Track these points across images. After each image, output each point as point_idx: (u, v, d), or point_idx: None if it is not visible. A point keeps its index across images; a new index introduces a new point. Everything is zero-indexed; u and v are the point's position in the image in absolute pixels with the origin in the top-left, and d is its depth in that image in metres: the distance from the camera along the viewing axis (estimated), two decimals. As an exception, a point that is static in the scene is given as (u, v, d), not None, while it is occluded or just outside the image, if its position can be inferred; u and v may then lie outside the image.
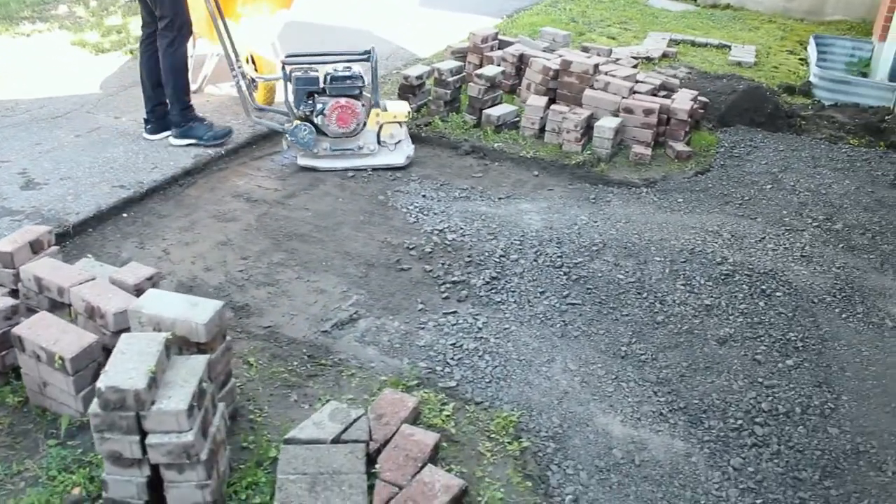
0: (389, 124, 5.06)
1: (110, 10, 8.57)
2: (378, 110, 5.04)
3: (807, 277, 4.04)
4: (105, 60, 6.89)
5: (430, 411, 2.90)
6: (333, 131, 5.00)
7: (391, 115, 5.05)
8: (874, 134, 6.45)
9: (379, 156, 5.08)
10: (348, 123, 4.97)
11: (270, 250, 4.03)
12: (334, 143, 5.07)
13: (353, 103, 4.93)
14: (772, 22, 10.83)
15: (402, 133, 5.11)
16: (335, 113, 4.93)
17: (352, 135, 5.03)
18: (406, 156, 5.10)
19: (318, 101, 4.95)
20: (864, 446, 2.95)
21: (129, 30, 7.78)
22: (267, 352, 3.24)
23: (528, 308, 3.61)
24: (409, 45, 8.00)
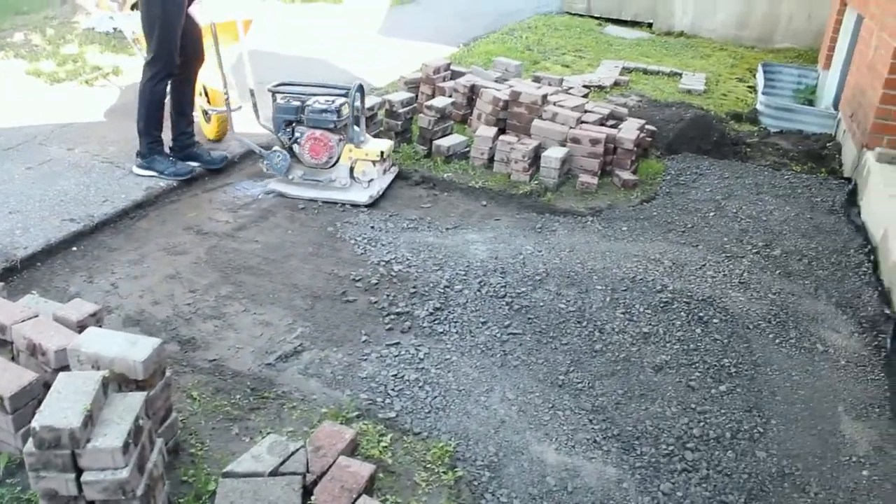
0: (362, 161, 5.13)
1: (67, 38, 8.59)
2: (351, 146, 5.12)
3: (743, 304, 4.16)
4: (60, 90, 6.91)
5: (369, 442, 2.96)
6: (307, 161, 5.18)
7: (363, 153, 5.12)
8: (816, 160, 6.65)
9: (348, 191, 5.15)
10: (320, 155, 5.11)
11: (219, 283, 4.08)
12: (308, 173, 5.22)
13: (327, 136, 5.07)
14: (723, 49, 11.10)
15: (374, 172, 5.16)
16: (308, 143, 5.11)
17: (325, 167, 5.16)
18: (369, 195, 5.13)
19: (296, 130, 5.14)
20: (790, 468, 3.06)
21: (84, 59, 7.81)
22: (211, 385, 3.29)
23: (470, 338, 3.69)
24: (364, 75, 8.09)
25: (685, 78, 8.98)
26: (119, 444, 2.31)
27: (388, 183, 5.36)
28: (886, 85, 5.52)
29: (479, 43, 10.06)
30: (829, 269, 4.66)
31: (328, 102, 5.10)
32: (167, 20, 4.85)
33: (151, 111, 5.11)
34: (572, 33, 11.33)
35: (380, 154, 5.13)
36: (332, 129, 5.08)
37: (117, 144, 5.71)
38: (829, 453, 3.16)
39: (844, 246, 4.97)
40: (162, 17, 4.83)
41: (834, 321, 4.12)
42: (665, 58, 10.20)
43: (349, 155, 5.13)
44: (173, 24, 4.89)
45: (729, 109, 7.92)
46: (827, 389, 3.56)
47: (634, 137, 5.67)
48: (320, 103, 5.10)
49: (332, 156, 5.10)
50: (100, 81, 7.25)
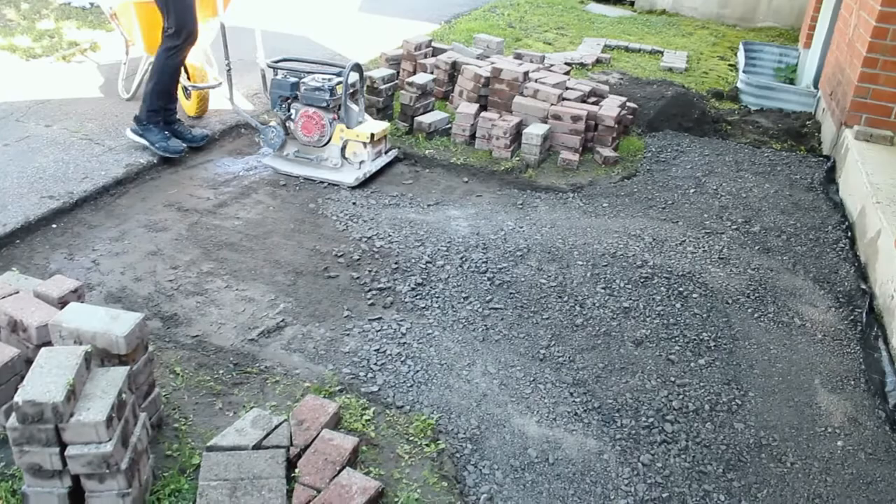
0: (353, 142, 5.10)
1: (42, 13, 8.47)
2: (342, 126, 5.08)
3: (723, 279, 4.21)
4: (36, 66, 6.83)
5: (352, 416, 2.98)
6: (300, 138, 5.19)
7: (354, 134, 5.09)
8: (795, 138, 6.70)
9: (338, 171, 5.14)
10: (312, 133, 5.12)
11: (200, 260, 4.07)
12: (301, 150, 5.25)
13: (319, 114, 5.06)
14: (705, 28, 11.12)
15: (365, 153, 5.11)
16: (301, 121, 5.12)
17: (317, 145, 5.16)
18: (355, 177, 5.08)
19: (291, 107, 5.15)
20: (767, 439, 3.11)
21: (61, 34, 7.71)
22: (194, 361, 3.29)
23: (452, 313, 3.71)
24: (345, 52, 8.06)
25: (667, 56, 9.00)
26: (102, 418, 2.32)
27: (381, 166, 5.31)
28: (865, 63, 5.56)
29: (461, 20, 10.02)
30: (808, 245, 4.71)
31: (323, 81, 5.08)
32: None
33: (163, 80, 5.06)
34: (554, 11, 11.31)
35: (370, 136, 5.07)
36: (326, 107, 5.06)
37: (96, 121, 5.66)
38: (805, 424, 3.21)
39: (823, 222, 5.02)
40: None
41: (811, 296, 4.17)
42: (647, 36, 10.21)
43: (341, 135, 5.10)
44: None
45: (710, 87, 7.95)
46: (804, 362, 3.61)
47: (615, 115, 5.69)
48: (315, 81, 5.08)
49: (324, 135, 5.10)
50: (77, 57, 7.17)
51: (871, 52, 5.50)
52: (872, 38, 5.46)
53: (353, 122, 5.11)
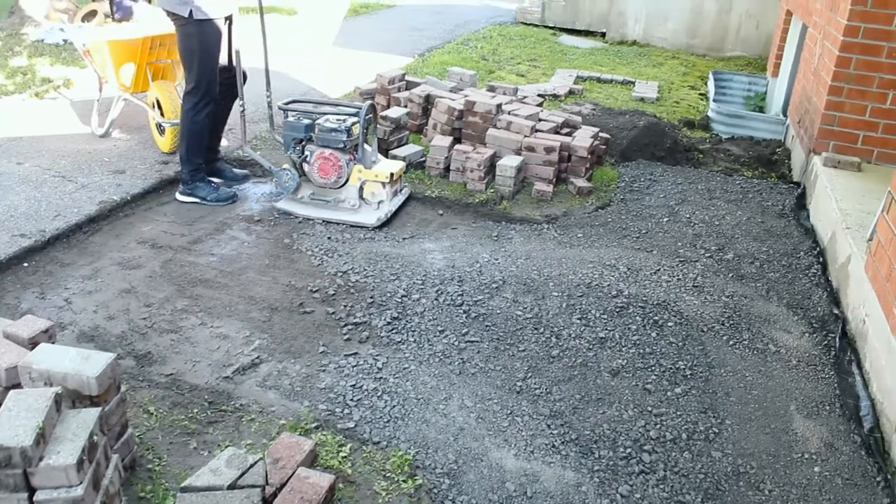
0: (372, 182, 5.05)
1: (15, 50, 8.46)
2: (360, 167, 5.03)
3: (697, 307, 4.23)
4: (9, 103, 6.80)
5: (328, 453, 2.96)
6: (316, 180, 5.09)
7: (373, 174, 5.03)
8: (766, 165, 6.79)
9: (356, 212, 5.07)
10: (329, 175, 5.02)
11: (174, 297, 4.04)
12: (317, 192, 5.15)
13: (336, 155, 4.97)
14: (675, 58, 11.28)
15: (383, 193, 5.06)
16: (317, 163, 5.02)
17: (334, 187, 5.08)
18: (377, 217, 5.01)
19: (306, 149, 5.06)
20: (745, 467, 3.11)
21: (34, 71, 7.70)
22: (168, 400, 3.25)
23: (428, 347, 3.70)
24: (320, 86, 8.09)
25: (638, 86, 9.12)
26: (73, 462, 2.28)
27: (399, 205, 5.27)
28: (830, 91, 5.66)
29: (434, 53, 10.11)
30: (780, 271, 4.76)
31: (339, 121, 5.01)
32: (207, 50, 4.88)
33: (193, 140, 5.08)
34: (527, 43, 11.44)
35: (389, 176, 5.02)
36: (342, 148, 4.98)
37: (69, 158, 5.63)
38: (782, 451, 3.23)
39: (794, 248, 5.08)
40: (201, 48, 4.85)
41: (785, 322, 4.20)
42: (618, 66, 10.34)
43: (358, 175, 5.04)
44: (213, 54, 4.92)
45: (681, 116, 8.05)
46: (779, 389, 3.63)
47: (588, 145, 5.74)
48: (331, 122, 5.01)
49: (342, 176, 5.02)
50: (50, 94, 7.16)
51: (836, 80, 5.61)
52: (837, 68, 5.57)
53: (368, 162, 5.05)
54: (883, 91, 5.54)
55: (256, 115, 7.04)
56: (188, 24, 4.77)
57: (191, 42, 4.85)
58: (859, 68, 5.54)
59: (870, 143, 5.74)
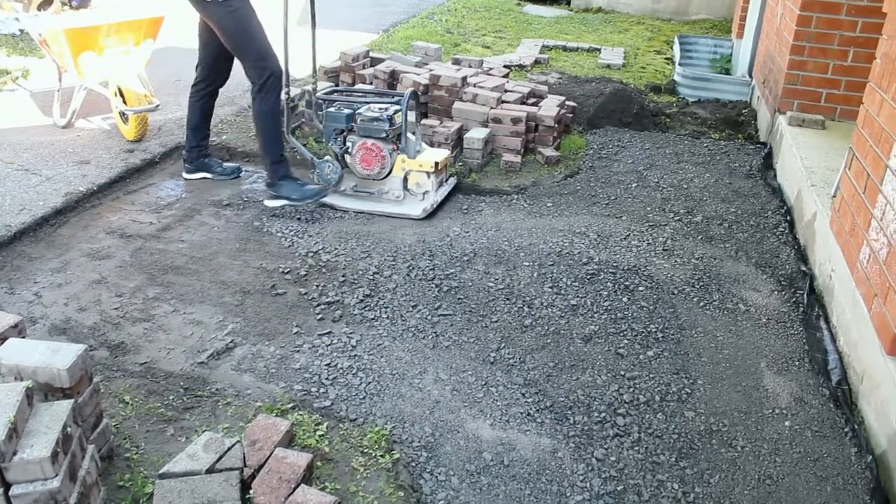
0: (416, 173, 4.91)
1: (-26, 45, 8.32)
2: (404, 156, 4.90)
3: (668, 270, 4.27)
4: (-31, 100, 6.70)
5: (305, 432, 2.97)
6: (359, 172, 4.95)
7: (417, 164, 4.89)
8: (733, 127, 6.84)
9: (401, 204, 4.96)
10: (372, 166, 4.88)
11: (146, 285, 4.03)
12: (360, 184, 5.02)
13: (379, 145, 4.82)
14: (640, 23, 11.29)
15: (429, 183, 4.92)
16: (360, 154, 4.87)
17: (377, 178, 4.94)
18: (423, 208, 4.89)
19: (347, 140, 4.92)
20: (717, 425, 3.17)
21: (-7, 64, 7.58)
22: (143, 388, 3.25)
23: (401, 322, 3.72)
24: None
25: (604, 53, 9.12)
26: (47, 454, 2.28)
27: (445, 195, 5.13)
28: (793, 51, 5.70)
29: (399, 28, 10.05)
30: (749, 231, 4.81)
31: (380, 110, 4.85)
32: (255, 26, 4.58)
33: (270, 130, 4.79)
34: (492, 14, 11.40)
35: (434, 165, 4.87)
36: (385, 138, 4.82)
37: (32, 150, 5.56)
38: (754, 407, 3.28)
39: (762, 208, 5.13)
40: (252, 26, 4.56)
41: (754, 281, 4.26)
42: (584, 34, 10.33)
43: (402, 166, 4.91)
44: (261, 29, 4.62)
45: (648, 82, 8.08)
46: (749, 347, 3.68)
47: (555, 114, 5.75)
48: (372, 111, 4.85)
49: (385, 166, 4.87)
50: (9, 85, 7.05)
51: (798, 39, 5.64)
52: (798, 27, 5.60)
53: (412, 152, 4.91)
54: (844, 48, 5.58)
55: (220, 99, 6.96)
56: (220, 5, 4.43)
57: (238, 23, 4.52)
58: (820, 26, 5.58)
59: (833, 101, 5.80)
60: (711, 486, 2.87)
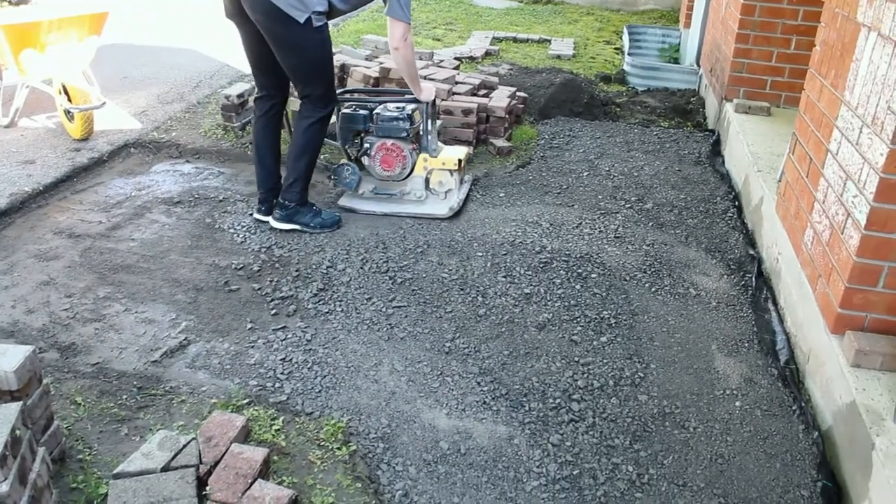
0: (439, 171, 4.80)
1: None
2: (426, 155, 4.79)
3: (619, 257, 4.33)
4: None
5: (261, 427, 2.96)
6: (379, 174, 4.80)
7: (440, 162, 4.78)
8: (682, 115, 6.94)
9: (424, 204, 4.84)
10: (393, 167, 4.75)
11: (96, 285, 3.97)
12: (380, 186, 4.88)
13: (399, 145, 4.68)
14: (590, 14, 11.38)
15: (452, 181, 4.82)
16: (379, 155, 4.73)
17: (398, 179, 4.81)
18: (449, 206, 4.78)
19: (365, 141, 4.75)
20: (670, 408, 3.22)
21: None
22: (96, 389, 3.21)
23: (356, 315, 3.72)
24: (234, 62, 7.96)
25: (554, 44, 9.18)
26: (-5, 457, 2.25)
27: (467, 193, 5.03)
28: (738, 39, 5.79)
29: (349, 22, 10.01)
30: (698, 217, 4.89)
31: (398, 109, 4.69)
32: (330, 58, 4.35)
33: (313, 157, 4.53)
34: (442, 7, 11.40)
35: (458, 163, 4.78)
36: (405, 137, 4.68)
37: (-25, 152, 5.45)
38: (705, 389, 3.34)
39: (711, 194, 5.22)
40: (325, 57, 4.30)
41: (705, 266, 4.33)
42: (534, 25, 10.38)
43: (424, 165, 4.79)
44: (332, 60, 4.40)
45: (598, 72, 8.15)
46: (700, 330, 3.75)
47: (506, 105, 5.78)
48: (390, 110, 4.69)
49: (406, 166, 4.73)
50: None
51: (743, 28, 5.74)
52: (742, 16, 5.70)
53: (432, 150, 4.81)
54: (786, 37, 5.69)
55: (169, 96, 6.90)
56: (305, 30, 4.09)
57: (322, 51, 4.27)
58: (763, 15, 5.68)
59: (777, 88, 5.91)
60: (665, 468, 2.92)
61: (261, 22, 4.11)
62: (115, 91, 6.81)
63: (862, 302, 3.03)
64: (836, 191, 3.27)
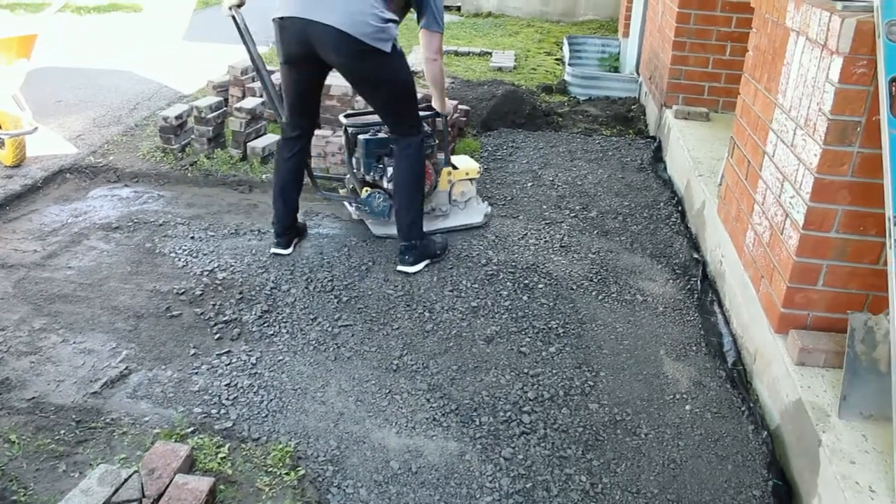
0: (461, 182, 4.76)
1: None
2: (449, 168, 4.73)
3: (566, 266, 4.33)
4: None
5: (206, 456, 2.89)
6: None
7: (463, 173, 4.74)
8: (623, 123, 7.00)
9: (452, 216, 4.78)
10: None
11: (31, 316, 3.84)
12: None
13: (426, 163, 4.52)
14: (530, 26, 11.47)
15: (472, 189, 4.82)
16: None
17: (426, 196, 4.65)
18: (483, 213, 4.80)
19: (387, 165, 4.50)
20: (621, 415, 3.21)
21: None
22: (31, 425, 3.09)
23: (301, 336, 3.65)
24: (172, 83, 7.84)
25: (495, 56, 9.22)
26: (-78, 502, 2.15)
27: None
28: (674, 47, 5.87)
29: (290, 40, 9.93)
30: (643, 223, 4.93)
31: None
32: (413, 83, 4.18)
33: (422, 186, 4.38)
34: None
35: (478, 170, 4.82)
36: (430, 153, 4.58)
37: None
38: (655, 395, 3.35)
39: (654, 200, 5.26)
40: (411, 82, 4.14)
41: (650, 271, 4.36)
42: (475, 38, 10.43)
43: (448, 178, 4.73)
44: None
45: (539, 83, 8.20)
46: (648, 336, 3.76)
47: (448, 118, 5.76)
48: None
49: (432, 183, 4.65)
50: None
51: (679, 35, 5.82)
52: (678, 24, 5.78)
53: (449, 163, 4.76)
54: (721, 43, 5.79)
55: (106, 119, 6.76)
56: (393, 58, 3.92)
57: (410, 78, 4.13)
58: (698, 23, 5.77)
59: (715, 94, 6.00)
60: (618, 476, 2.91)
61: (347, 65, 3.92)
62: (48, 115, 6.65)
63: (803, 301, 3.06)
64: (774, 192, 3.31)
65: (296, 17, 3.83)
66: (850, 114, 2.76)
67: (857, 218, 2.89)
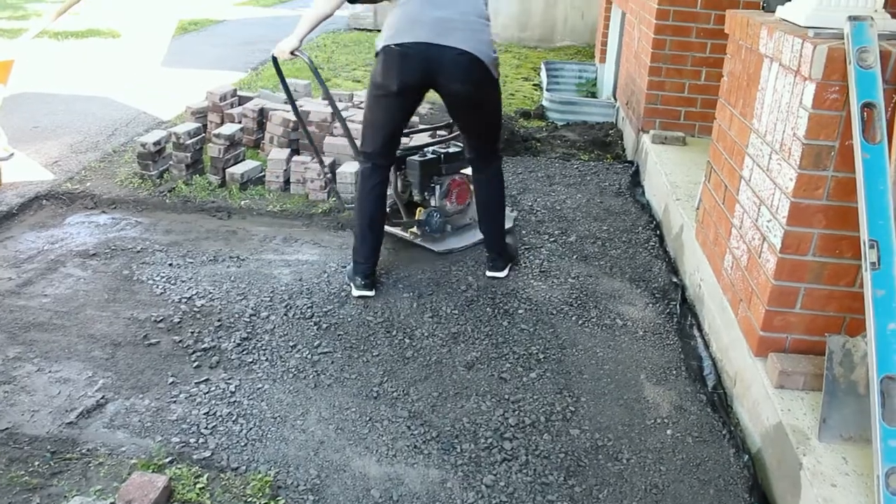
0: None
1: None
2: None
3: (545, 291, 4.34)
4: None
5: (184, 486, 2.85)
6: (452, 209, 4.88)
7: None
8: (601, 148, 7.04)
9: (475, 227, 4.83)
10: (466, 199, 4.89)
11: (5, 345, 3.79)
12: (452, 222, 4.93)
13: (465, 177, 4.81)
14: (508, 52, 11.55)
15: None
16: (455, 191, 4.83)
17: (465, 209, 4.94)
18: (512, 219, 5.04)
19: (435, 183, 4.72)
20: (602, 440, 3.21)
21: None
22: (4, 457, 3.04)
23: (281, 364, 3.62)
24: (150, 109, 7.82)
25: (474, 82, 9.25)
26: None
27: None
28: (651, 72, 5.93)
29: (268, 66, 9.92)
30: (622, 247, 4.95)
31: (453, 145, 4.79)
32: None
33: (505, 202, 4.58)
34: (361, 48, 11.44)
35: None
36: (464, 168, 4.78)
37: None
38: (636, 419, 3.34)
39: (633, 224, 5.29)
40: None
41: (630, 295, 4.37)
42: (453, 64, 10.46)
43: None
44: None
45: (517, 108, 8.25)
46: (629, 361, 3.76)
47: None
48: (451, 147, 4.78)
49: (471, 196, 4.84)
50: None
51: (655, 61, 5.88)
52: (654, 49, 5.84)
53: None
54: (696, 69, 5.86)
55: (83, 145, 6.72)
56: (498, 85, 4.13)
57: (500, 106, 4.28)
58: (673, 49, 5.84)
59: (691, 118, 6.06)
60: (601, 502, 2.90)
61: (468, 92, 3.95)
62: (25, 141, 6.60)
63: (782, 324, 3.08)
64: (751, 216, 3.34)
65: (424, 42, 3.78)
66: (824, 138, 2.80)
67: (833, 241, 2.92)
